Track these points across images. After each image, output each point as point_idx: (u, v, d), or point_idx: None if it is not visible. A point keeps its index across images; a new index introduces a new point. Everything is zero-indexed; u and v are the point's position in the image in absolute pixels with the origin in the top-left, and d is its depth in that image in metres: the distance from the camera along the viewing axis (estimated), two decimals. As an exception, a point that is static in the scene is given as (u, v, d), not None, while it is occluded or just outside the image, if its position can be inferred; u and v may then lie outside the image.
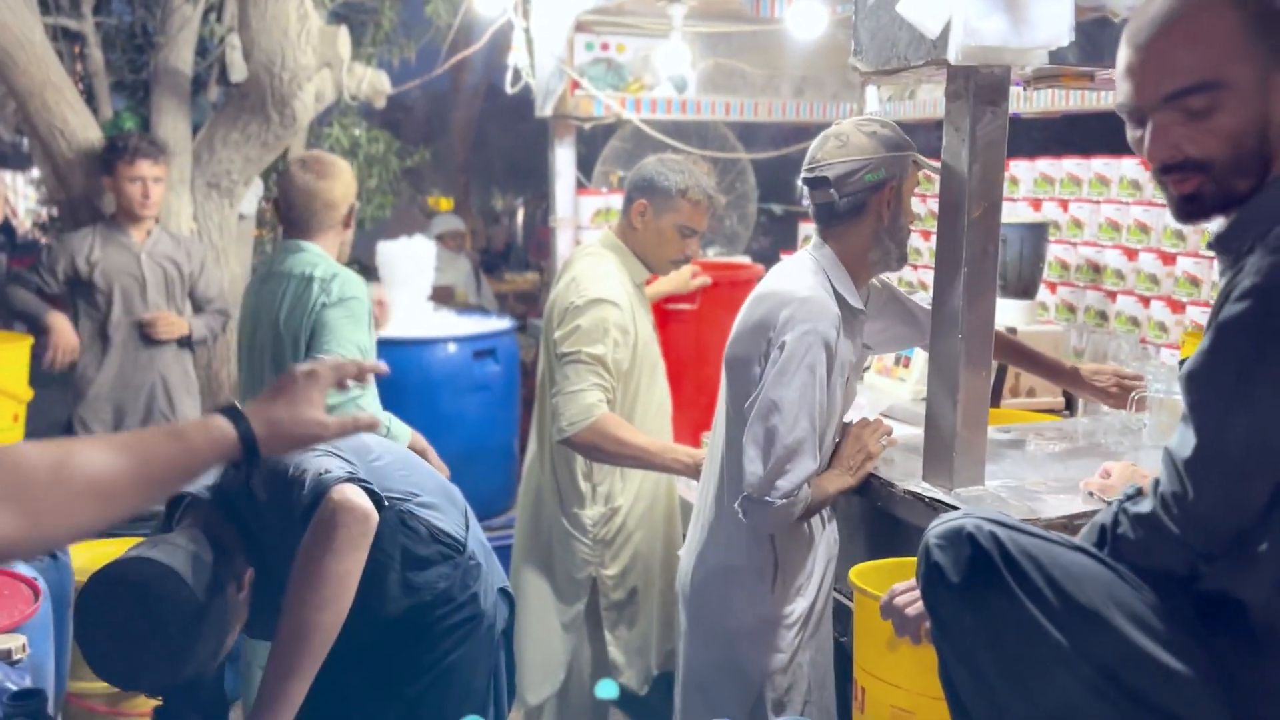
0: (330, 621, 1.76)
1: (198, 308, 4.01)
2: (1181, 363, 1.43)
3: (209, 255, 4.18)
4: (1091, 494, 2.08)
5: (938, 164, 2.10)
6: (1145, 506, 1.43)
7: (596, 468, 2.87)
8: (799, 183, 2.19)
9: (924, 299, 2.45)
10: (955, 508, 2.00)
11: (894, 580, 1.94)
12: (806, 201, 2.18)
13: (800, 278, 2.10)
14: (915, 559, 2.00)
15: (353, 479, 1.80)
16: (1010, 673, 1.44)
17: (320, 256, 2.77)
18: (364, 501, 1.78)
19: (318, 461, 1.82)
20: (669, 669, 2.90)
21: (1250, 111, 1.34)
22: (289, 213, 2.83)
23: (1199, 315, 2.98)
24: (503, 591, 2.20)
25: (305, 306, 2.68)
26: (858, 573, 1.87)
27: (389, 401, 3.95)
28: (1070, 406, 3.13)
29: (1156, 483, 1.42)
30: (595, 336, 2.68)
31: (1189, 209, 1.45)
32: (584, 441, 2.65)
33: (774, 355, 2.01)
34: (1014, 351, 2.63)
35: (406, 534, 2.03)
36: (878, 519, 2.31)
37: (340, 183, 2.81)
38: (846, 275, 2.13)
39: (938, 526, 1.51)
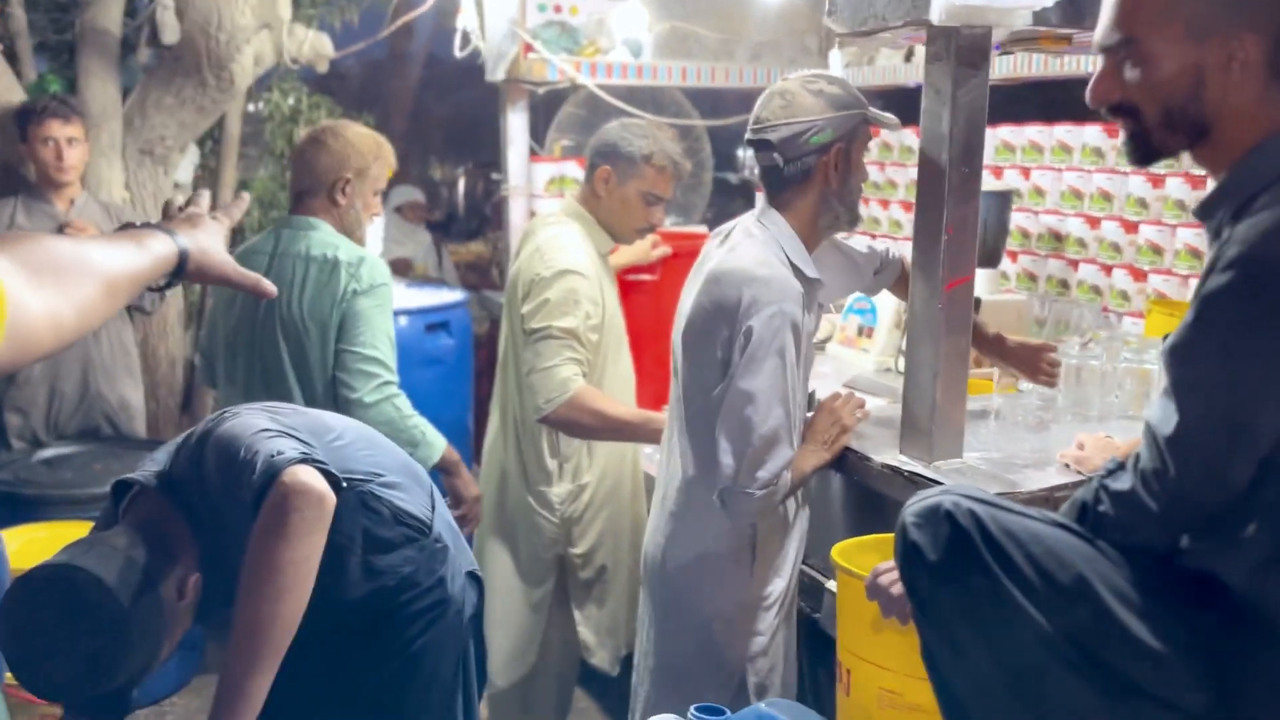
0: (289, 612, 1.65)
1: None
2: (1166, 336, 1.39)
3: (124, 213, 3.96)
4: (1068, 465, 2.05)
5: (893, 119, 2.06)
6: (1125, 483, 1.39)
7: (564, 444, 2.79)
8: (743, 145, 2.13)
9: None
10: (936, 482, 1.97)
11: (877, 558, 1.89)
12: (752, 164, 2.12)
13: (754, 252, 1.99)
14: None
15: (307, 460, 1.69)
16: (991, 652, 1.41)
17: (337, 236, 2.59)
18: (319, 483, 1.68)
19: (270, 443, 1.71)
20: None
21: (1171, 75, 1.36)
22: (291, 187, 2.70)
23: (1161, 284, 2.98)
24: (471, 575, 2.11)
25: (335, 293, 2.51)
26: (840, 551, 1.82)
27: (338, 376, 3.84)
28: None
29: (1137, 458, 1.39)
30: (565, 309, 2.59)
31: (1129, 149, 1.47)
32: (563, 417, 2.57)
33: (739, 342, 1.93)
34: None
35: (368, 516, 1.94)
36: (853, 493, 2.27)
37: (327, 150, 2.61)
38: (799, 243, 2.04)
39: (914, 504, 1.47)
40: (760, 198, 2.14)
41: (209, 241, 1.40)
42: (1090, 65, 2.96)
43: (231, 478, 1.71)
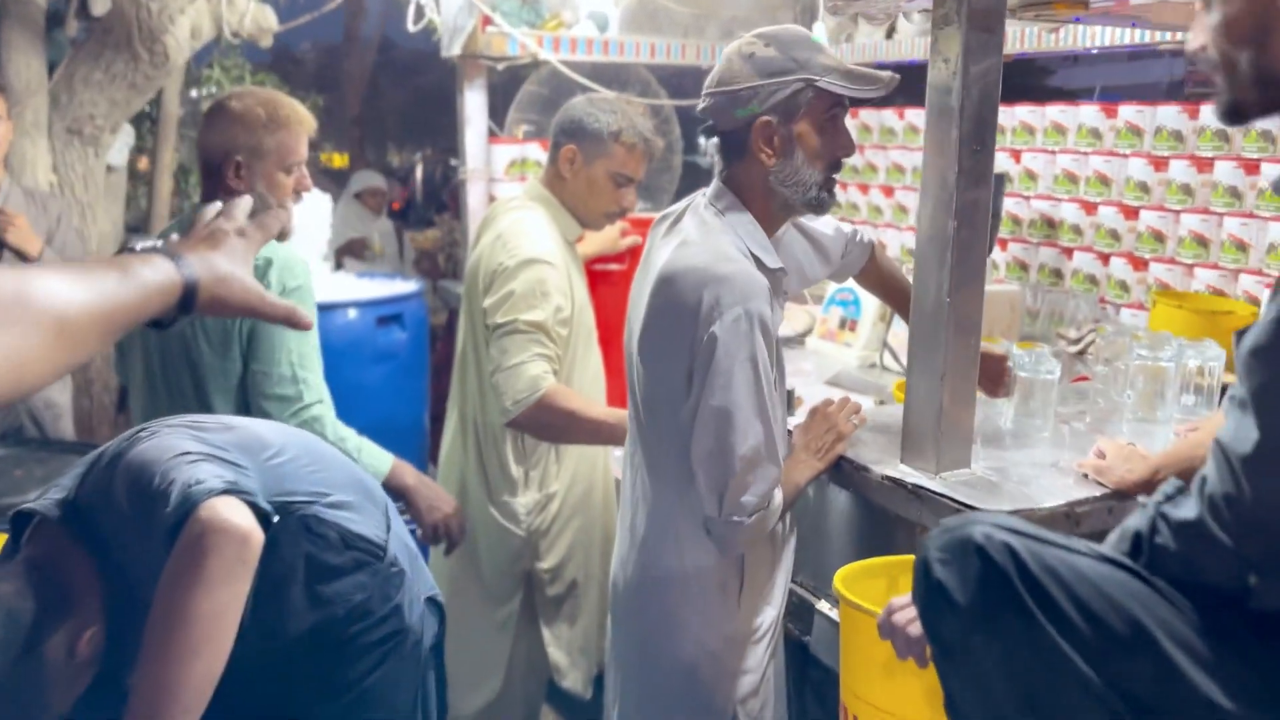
0: (201, 673, 1.41)
1: None
2: (1240, 336, 1.19)
3: (71, 211, 3.67)
4: (1086, 476, 1.86)
5: (866, 85, 1.73)
6: (1190, 511, 1.19)
7: (529, 450, 2.57)
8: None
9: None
10: (943, 496, 1.77)
11: (883, 584, 1.69)
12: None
13: (710, 245, 1.73)
14: (903, 558, 1.77)
15: (232, 490, 1.45)
16: (1029, 708, 1.21)
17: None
18: (243, 520, 1.43)
19: (190, 469, 1.47)
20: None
21: (1236, 17, 1.15)
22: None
23: (1164, 273, 2.80)
24: (431, 601, 1.90)
25: None
26: (844, 580, 1.61)
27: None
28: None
29: (1203, 481, 1.18)
30: (532, 301, 2.36)
31: (1215, 107, 1.25)
32: (533, 419, 2.34)
33: (702, 352, 1.68)
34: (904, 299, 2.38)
35: (313, 540, 1.72)
36: (849, 506, 2.06)
37: (213, 127, 2.21)
38: (757, 228, 1.78)
39: (939, 536, 1.26)
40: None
41: (229, 267, 1.15)
42: (1091, 39, 2.78)
43: (143, 510, 1.47)
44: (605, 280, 3.22)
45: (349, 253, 5.26)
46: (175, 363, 2.23)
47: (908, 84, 5.04)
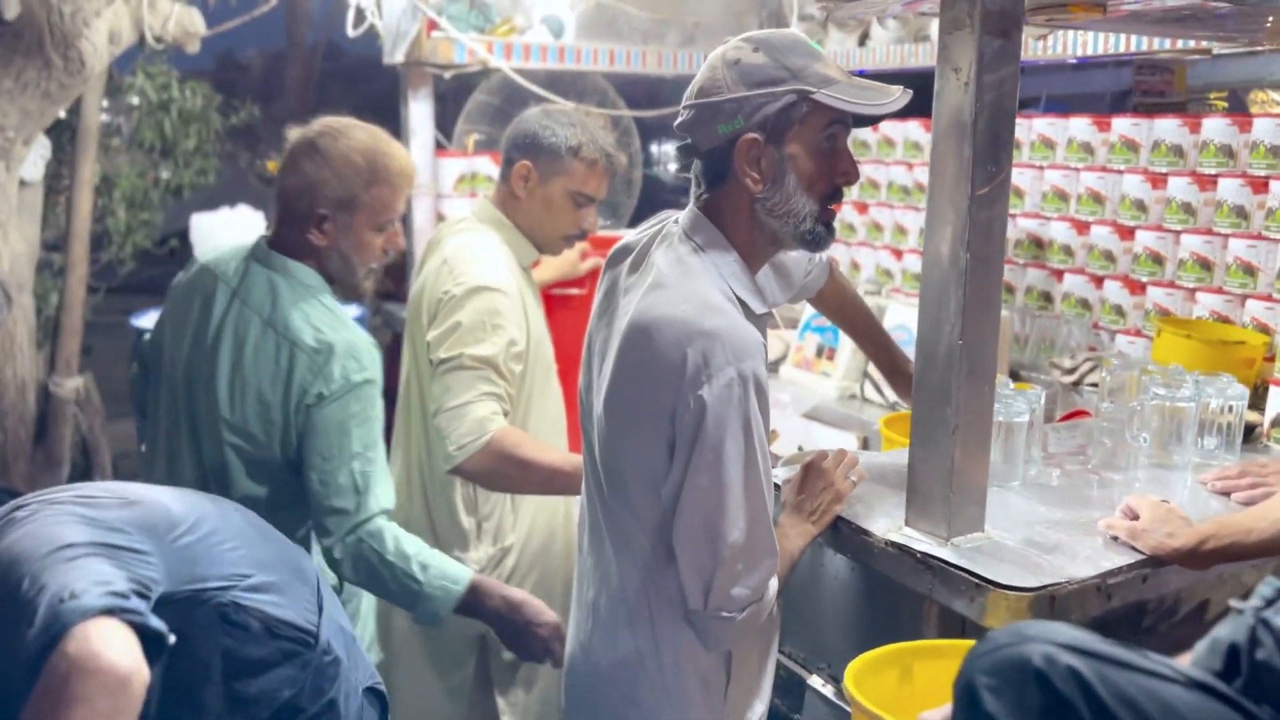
0: None
1: None
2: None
3: None
4: (1116, 539, 1.65)
5: (873, 102, 1.47)
6: None
7: (481, 499, 2.32)
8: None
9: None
10: (959, 568, 1.54)
11: (894, 676, 1.46)
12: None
13: (692, 291, 1.46)
14: (919, 644, 1.54)
15: (114, 610, 1.18)
16: None
17: (310, 292, 1.89)
18: (119, 656, 1.15)
19: (66, 573, 1.19)
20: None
21: None
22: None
23: (1164, 298, 2.61)
24: (372, 691, 1.65)
25: (289, 389, 1.83)
26: (854, 678, 1.38)
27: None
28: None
29: None
30: (481, 334, 2.12)
31: None
32: (480, 467, 2.08)
33: (687, 419, 1.40)
34: (870, 336, 2.16)
35: (231, 632, 1.48)
36: (847, 572, 1.83)
37: (299, 170, 1.86)
38: (743, 268, 1.53)
39: (988, 655, 1.02)
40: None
41: None
42: (1105, 46, 2.59)
43: (9, 620, 1.19)
44: (564, 306, 2.97)
45: None
46: (212, 448, 1.91)
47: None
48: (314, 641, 1.56)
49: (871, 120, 1.53)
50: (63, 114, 3.98)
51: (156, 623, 1.21)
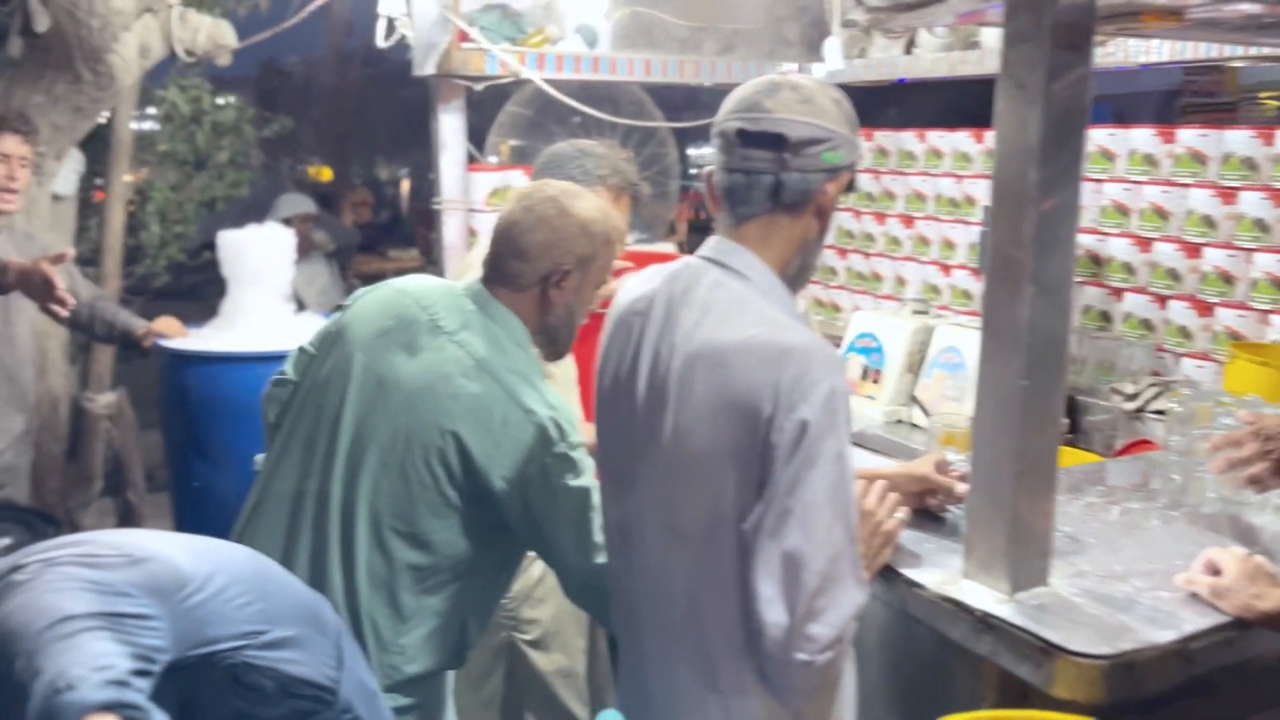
0: None
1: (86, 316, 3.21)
2: None
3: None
4: (1195, 595, 1.51)
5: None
6: None
7: None
8: (722, 138, 1.46)
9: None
10: (1017, 628, 1.41)
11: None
12: (727, 170, 1.45)
13: (759, 311, 1.40)
14: (990, 714, 1.41)
15: (113, 705, 1.08)
16: None
17: (523, 349, 1.84)
18: None
19: (64, 653, 1.10)
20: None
21: None
22: (490, 258, 1.90)
23: (1235, 320, 2.45)
24: None
25: (514, 442, 1.73)
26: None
27: (235, 430, 3.21)
28: (1075, 429, 2.59)
29: None
30: None
31: None
32: None
33: (783, 444, 1.32)
34: None
35: (242, 693, 1.40)
36: (893, 626, 1.70)
37: (560, 228, 1.84)
38: (789, 294, 1.47)
39: None
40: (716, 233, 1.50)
41: None
42: (1171, 52, 2.43)
43: (2, 701, 1.11)
44: (596, 327, 2.88)
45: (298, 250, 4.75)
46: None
47: (929, 103, 4.67)
48: (333, 700, 1.48)
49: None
50: (103, 119, 3.94)
51: (159, 717, 1.12)
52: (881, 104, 4.61)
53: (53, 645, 1.12)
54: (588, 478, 1.77)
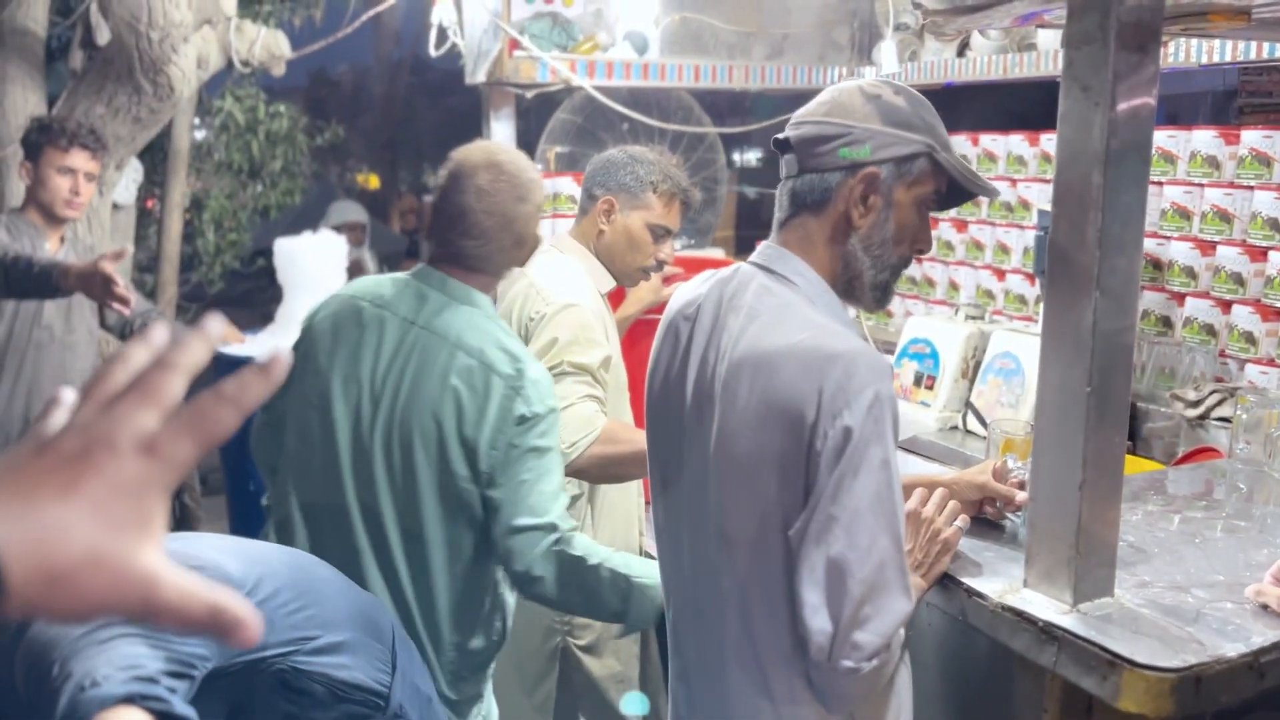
0: None
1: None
2: None
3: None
4: (1266, 607, 1.47)
5: (992, 187, 1.50)
6: None
7: None
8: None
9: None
10: (1083, 639, 1.38)
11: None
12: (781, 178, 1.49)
13: (805, 316, 1.39)
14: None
15: (136, 696, 1.09)
16: None
17: (493, 320, 1.87)
18: None
19: (93, 657, 1.11)
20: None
21: None
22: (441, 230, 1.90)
23: (1301, 325, 2.40)
24: None
25: (484, 412, 1.77)
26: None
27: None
28: (1134, 436, 2.54)
29: None
30: (578, 345, 2.15)
31: None
32: (597, 456, 2.07)
33: (828, 452, 1.30)
34: None
35: (293, 698, 1.40)
36: (950, 635, 1.68)
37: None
38: (836, 298, 1.46)
39: None
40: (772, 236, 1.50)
41: (87, 543, 0.52)
42: (1233, 52, 2.39)
43: (40, 708, 1.12)
44: (644, 330, 2.88)
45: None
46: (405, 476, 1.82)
47: (982, 105, 4.60)
48: (384, 704, 1.49)
49: (966, 198, 1.53)
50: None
51: (182, 708, 1.12)
52: (934, 107, 4.55)
53: (86, 650, 1.13)
54: (554, 439, 1.83)
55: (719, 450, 1.40)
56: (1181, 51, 2.57)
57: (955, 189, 1.47)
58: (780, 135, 1.47)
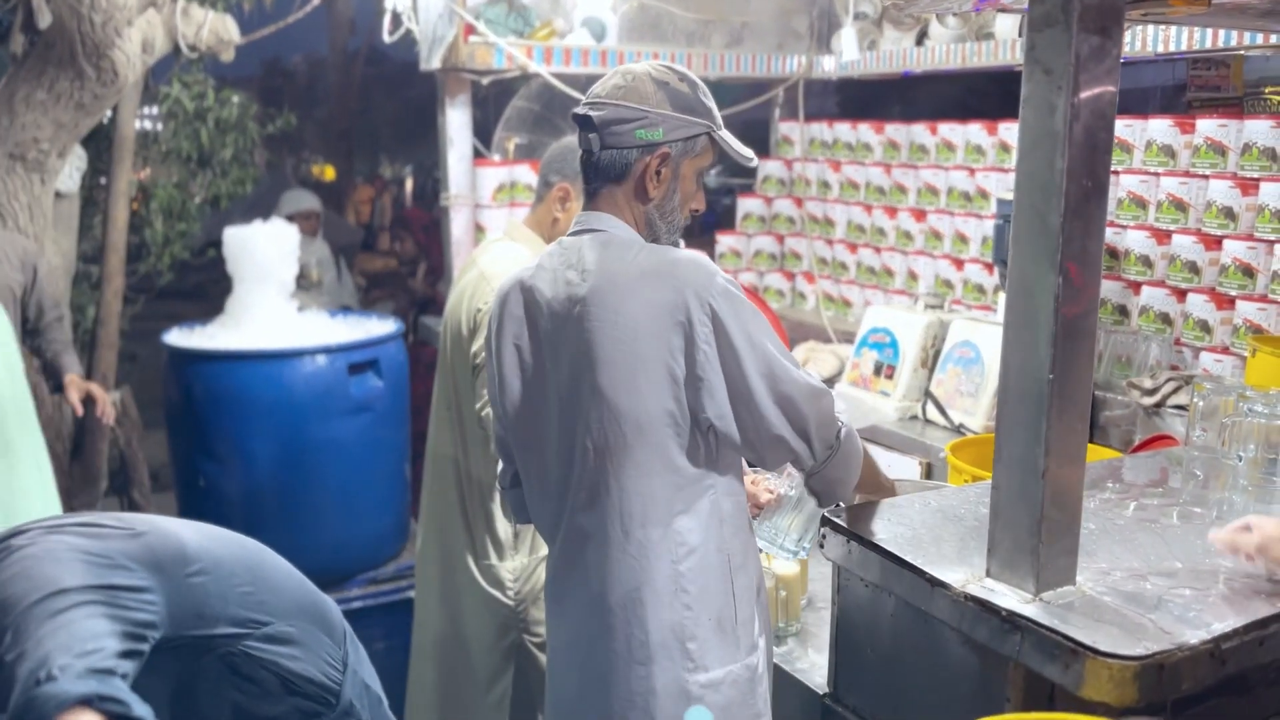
0: None
1: (32, 326, 3.15)
2: None
3: (39, 257, 3.23)
4: (1249, 558, 1.48)
5: (749, 154, 1.73)
6: None
7: None
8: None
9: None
10: (1046, 628, 1.37)
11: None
12: (582, 149, 1.70)
13: (639, 244, 1.66)
14: (1017, 717, 1.37)
15: (93, 699, 1.05)
16: None
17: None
18: None
19: (50, 637, 1.08)
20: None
21: None
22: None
23: (1255, 313, 2.42)
24: None
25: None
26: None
27: (242, 429, 3.18)
28: (1090, 425, 2.54)
29: None
30: None
31: None
32: None
33: (710, 330, 1.59)
34: None
35: (241, 685, 1.37)
36: (914, 624, 1.66)
37: None
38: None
39: None
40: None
41: None
42: (1207, 40, 2.39)
43: None
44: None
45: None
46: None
47: (941, 96, 4.62)
48: (335, 701, 1.45)
49: (740, 169, 1.81)
50: (106, 116, 3.91)
51: (140, 709, 1.08)
52: (891, 97, 4.56)
53: (42, 624, 1.09)
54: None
55: (603, 377, 1.59)
56: (1138, 41, 2.58)
57: (724, 159, 1.75)
58: (579, 112, 1.68)
